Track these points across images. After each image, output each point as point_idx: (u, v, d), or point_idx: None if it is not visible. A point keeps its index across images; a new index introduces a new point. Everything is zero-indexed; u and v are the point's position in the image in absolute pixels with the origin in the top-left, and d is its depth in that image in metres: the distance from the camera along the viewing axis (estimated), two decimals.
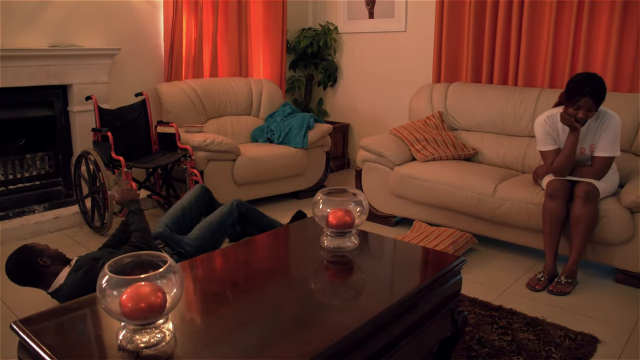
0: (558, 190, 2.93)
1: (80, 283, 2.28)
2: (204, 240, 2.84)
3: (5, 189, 3.85)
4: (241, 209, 3.06)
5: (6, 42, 3.68)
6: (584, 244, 2.88)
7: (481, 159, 3.95)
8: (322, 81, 5.62)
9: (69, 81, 3.92)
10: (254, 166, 4.16)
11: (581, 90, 2.81)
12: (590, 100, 2.81)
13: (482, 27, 4.24)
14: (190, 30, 4.66)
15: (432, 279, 1.85)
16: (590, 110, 2.84)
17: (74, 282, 2.30)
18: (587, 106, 2.82)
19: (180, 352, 1.40)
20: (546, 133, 3.05)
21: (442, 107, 4.21)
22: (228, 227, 2.98)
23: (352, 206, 2.08)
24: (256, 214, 3.14)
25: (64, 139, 4.06)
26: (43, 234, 3.72)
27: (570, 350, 2.28)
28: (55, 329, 1.54)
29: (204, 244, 2.83)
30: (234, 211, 3.01)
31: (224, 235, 2.97)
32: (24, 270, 2.36)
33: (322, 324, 1.58)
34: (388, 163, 3.80)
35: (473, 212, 3.36)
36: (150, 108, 4.14)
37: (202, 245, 2.82)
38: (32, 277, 2.37)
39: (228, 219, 2.98)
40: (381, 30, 5.18)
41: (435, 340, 1.97)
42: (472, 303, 2.70)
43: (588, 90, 2.80)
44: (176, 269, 1.42)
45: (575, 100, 2.83)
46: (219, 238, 2.94)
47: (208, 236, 2.88)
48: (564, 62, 3.84)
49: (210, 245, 2.86)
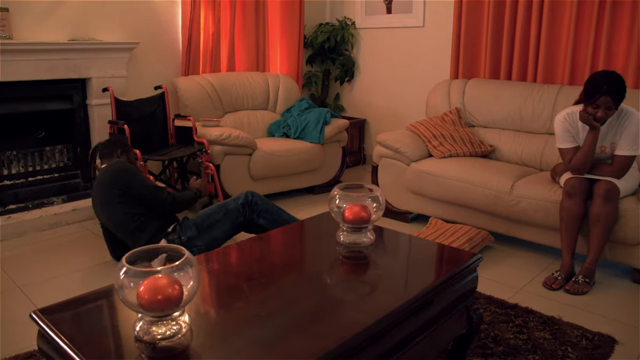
0: (576, 189, 2.89)
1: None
2: (199, 217, 2.86)
3: (25, 180, 3.90)
4: (250, 197, 2.97)
5: (27, 35, 3.72)
6: (602, 243, 2.84)
7: (498, 156, 3.92)
8: (339, 76, 5.61)
9: (87, 75, 3.96)
10: (270, 161, 4.17)
11: (600, 89, 2.77)
12: (609, 99, 2.76)
13: (501, 23, 4.20)
14: (208, 24, 4.67)
15: (448, 275, 1.84)
16: (610, 109, 2.80)
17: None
18: (606, 105, 2.78)
19: (196, 345, 1.41)
20: (565, 130, 3.01)
21: (459, 104, 4.18)
22: (230, 211, 2.90)
23: (369, 202, 2.07)
24: (271, 206, 3.02)
25: (83, 132, 4.10)
26: (61, 226, 3.76)
27: (587, 351, 2.26)
28: (73, 319, 1.55)
29: (199, 221, 2.84)
30: (240, 197, 2.96)
31: (224, 218, 2.88)
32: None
33: (337, 319, 1.58)
34: (404, 159, 3.78)
35: (490, 209, 3.34)
36: (168, 101, 4.16)
37: (197, 222, 2.83)
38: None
39: (231, 202, 2.94)
40: (399, 25, 5.15)
41: (450, 338, 1.96)
42: (488, 301, 2.68)
43: (606, 88, 2.75)
44: (193, 262, 1.43)
45: (594, 99, 2.79)
46: (219, 220, 2.87)
47: (205, 214, 2.88)
48: (584, 58, 3.79)
49: (206, 223, 2.83)
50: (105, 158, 2.93)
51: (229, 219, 2.90)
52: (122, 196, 2.74)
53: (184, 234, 2.79)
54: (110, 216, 2.83)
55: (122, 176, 2.75)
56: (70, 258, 3.23)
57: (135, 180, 2.76)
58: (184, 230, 2.81)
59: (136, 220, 2.76)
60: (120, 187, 2.73)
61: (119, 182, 2.75)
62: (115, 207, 2.77)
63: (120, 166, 2.80)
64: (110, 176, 2.79)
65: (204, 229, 2.83)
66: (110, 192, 2.76)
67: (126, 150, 3.02)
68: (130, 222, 2.76)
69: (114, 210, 2.78)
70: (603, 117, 2.81)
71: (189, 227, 2.83)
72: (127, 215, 2.75)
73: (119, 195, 2.74)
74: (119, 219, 2.79)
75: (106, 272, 3.04)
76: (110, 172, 2.80)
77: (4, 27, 3.55)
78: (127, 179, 2.75)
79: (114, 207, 2.77)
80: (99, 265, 3.15)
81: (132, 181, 2.75)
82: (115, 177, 2.77)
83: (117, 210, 2.77)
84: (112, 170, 2.80)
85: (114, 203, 2.76)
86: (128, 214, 2.75)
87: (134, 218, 2.76)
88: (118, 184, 2.74)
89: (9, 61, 3.53)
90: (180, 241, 2.79)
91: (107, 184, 2.79)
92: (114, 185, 2.75)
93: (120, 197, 2.74)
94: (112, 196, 2.76)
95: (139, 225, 2.76)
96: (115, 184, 2.75)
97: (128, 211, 2.75)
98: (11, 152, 3.84)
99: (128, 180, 2.74)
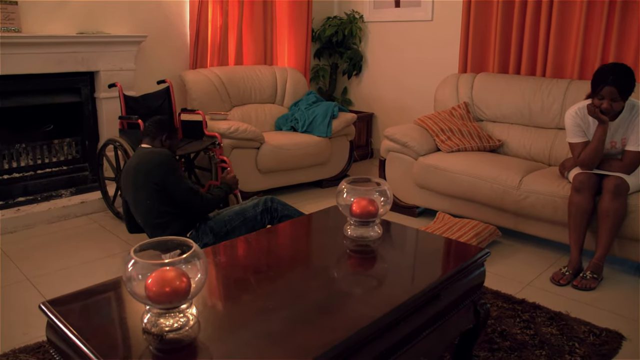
0: (585, 184, 2.88)
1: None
2: (216, 223, 2.75)
3: (34, 173, 3.92)
4: (270, 203, 2.86)
5: (35, 29, 3.73)
6: (611, 239, 2.83)
7: (507, 151, 3.90)
8: (346, 70, 5.60)
9: (96, 68, 3.97)
10: (277, 154, 4.17)
11: (605, 80, 2.77)
12: (613, 90, 2.75)
13: (510, 17, 4.17)
14: (216, 18, 4.67)
15: (455, 270, 1.84)
16: (615, 101, 2.78)
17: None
18: (611, 95, 2.76)
19: (204, 337, 1.41)
20: (576, 125, 2.99)
21: (468, 98, 4.16)
22: (249, 219, 2.81)
23: (376, 196, 2.07)
24: (293, 211, 2.90)
25: (91, 125, 4.12)
26: (70, 218, 3.79)
27: (595, 347, 2.25)
28: (82, 311, 1.56)
29: (216, 227, 2.74)
30: (260, 203, 2.85)
31: (242, 226, 2.80)
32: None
33: (344, 312, 1.58)
34: (412, 153, 3.77)
35: (497, 204, 3.33)
36: (174, 95, 4.16)
37: (214, 228, 2.73)
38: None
39: (250, 210, 2.83)
40: (407, 19, 5.13)
41: (457, 332, 1.96)
42: (495, 296, 2.68)
43: (611, 79, 2.74)
44: (201, 255, 1.44)
45: (599, 89, 2.78)
46: (236, 227, 2.78)
47: (222, 220, 2.77)
48: (594, 52, 3.76)
49: (223, 231, 2.74)
50: (148, 137, 2.80)
51: (246, 227, 2.78)
52: (156, 191, 2.60)
53: (200, 240, 2.69)
54: (137, 201, 2.69)
55: (162, 171, 2.60)
56: (78, 250, 3.25)
57: (174, 179, 2.61)
58: (200, 236, 2.71)
59: (162, 217, 2.65)
60: (156, 181, 2.58)
61: (157, 176, 2.59)
62: (146, 197, 2.63)
63: (162, 158, 2.63)
64: (150, 164, 2.63)
65: (221, 236, 2.73)
66: (145, 180, 2.61)
67: (172, 137, 2.85)
68: (156, 217, 2.65)
69: (143, 198, 2.64)
70: (608, 109, 2.79)
71: (206, 233, 2.72)
72: (154, 209, 2.64)
73: (152, 188, 2.60)
74: (145, 209, 2.67)
75: (114, 265, 3.06)
76: (151, 161, 2.64)
77: (13, 21, 3.56)
78: (166, 176, 2.59)
79: (144, 197, 2.63)
80: (107, 257, 3.16)
81: (171, 180, 2.60)
82: (155, 168, 2.61)
83: (146, 200, 2.64)
84: (153, 159, 2.63)
85: (145, 193, 2.62)
86: (155, 208, 2.63)
87: (160, 214, 2.64)
88: (156, 177, 2.59)
89: (18, 54, 3.54)
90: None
91: (144, 171, 2.63)
92: (151, 176, 2.59)
93: (154, 191, 2.60)
94: (145, 185, 2.61)
95: (163, 222, 2.65)
96: (153, 175, 2.59)
97: (156, 205, 2.63)
98: (20, 145, 3.86)
99: (166, 178, 2.59)
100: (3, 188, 3.74)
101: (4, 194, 3.74)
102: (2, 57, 3.47)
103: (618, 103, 2.79)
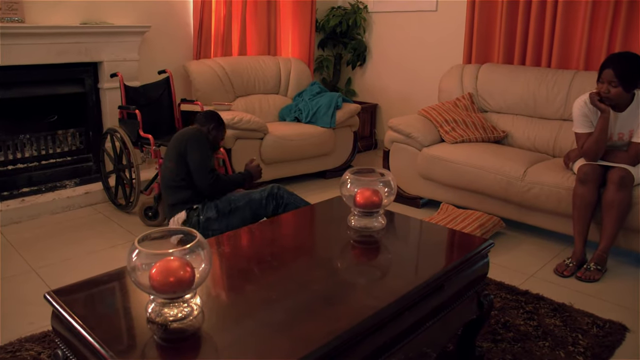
0: (589, 175, 2.87)
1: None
2: (222, 201, 2.90)
3: (38, 164, 3.93)
4: (276, 190, 2.93)
5: (38, 19, 3.72)
6: (615, 230, 2.82)
7: (511, 142, 3.89)
8: (350, 61, 5.58)
9: (99, 58, 3.96)
10: (281, 145, 4.16)
11: (606, 63, 2.80)
12: (610, 72, 2.76)
13: (515, 7, 4.14)
14: (219, 8, 4.65)
15: (459, 261, 1.84)
16: (614, 85, 2.77)
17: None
18: (608, 78, 2.77)
19: (208, 327, 1.42)
20: (584, 115, 2.97)
21: (472, 89, 4.14)
22: (254, 200, 2.88)
23: (380, 186, 2.06)
24: (299, 200, 2.95)
25: (94, 116, 4.12)
26: (74, 209, 3.80)
27: (598, 338, 2.25)
28: (87, 300, 1.57)
29: (221, 205, 2.88)
30: (266, 189, 2.93)
31: (245, 207, 2.88)
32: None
33: (348, 302, 1.58)
34: (416, 144, 3.76)
35: (502, 195, 3.32)
36: (174, 86, 4.14)
37: (218, 205, 2.88)
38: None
39: (256, 193, 2.92)
40: (411, 9, 5.10)
41: (461, 323, 1.96)
42: (498, 287, 2.68)
43: (612, 63, 2.77)
44: (205, 245, 1.44)
45: (600, 73, 2.79)
46: (240, 207, 2.87)
47: (228, 199, 2.90)
48: (601, 42, 3.73)
49: (227, 208, 2.87)
50: (198, 124, 3.08)
51: (250, 209, 2.89)
52: (178, 155, 2.89)
53: (203, 214, 2.86)
54: (163, 170, 3.02)
55: (188, 140, 2.90)
56: (83, 240, 3.26)
57: (194, 151, 2.88)
58: (205, 210, 2.87)
59: (177, 181, 2.91)
60: (180, 148, 2.89)
61: (182, 144, 2.90)
62: (168, 162, 2.95)
63: (193, 133, 2.95)
64: (182, 135, 2.96)
65: (224, 214, 2.86)
66: (174, 148, 2.93)
67: (219, 129, 3.11)
68: (172, 180, 2.92)
69: (167, 163, 2.96)
70: (605, 93, 2.79)
71: (210, 208, 2.87)
72: (172, 173, 2.92)
73: (177, 154, 2.90)
74: (166, 173, 2.96)
75: (118, 255, 3.07)
76: (185, 132, 2.97)
77: (16, 11, 3.55)
78: (189, 146, 2.88)
79: (168, 161, 2.95)
80: (111, 247, 3.18)
81: (191, 150, 2.87)
82: (183, 138, 2.93)
83: (169, 165, 2.94)
84: (187, 133, 2.96)
85: (170, 157, 2.93)
86: (174, 172, 2.91)
87: (176, 178, 2.91)
88: (181, 145, 2.90)
89: (21, 45, 3.54)
90: (198, 220, 2.84)
91: (177, 141, 2.95)
92: (179, 144, 2.91)
93: (177, 156, 2.89)
94: (173, 152, 2.93)
95: (176, 186, 2.91)
96: (180, 144, 2.90)
97: (174, 170, 2.91)
98: (24, 136, 3.86)
99: (188, 147, 2.88)
100: (8, 179, 3.75)
101: (9, 184, 3.76)
102: (5, 47, 3.47)
103: (617, 89, 2.78)
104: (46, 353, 2.11)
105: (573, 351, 2.16)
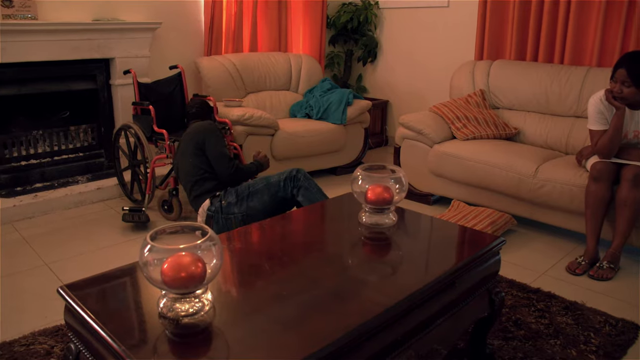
0: (602, 173, 2.84)
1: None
2: (241, 186, 2.99)
3: (51, 159, 3.96)
4: (295, 173, 2.94)
5: (51, 16, 3.75)
6: (629, 228, 2.79)
7: (523, 139, 3.86)
8: (361, 57, 5.56)
9: (111, 55, 3.98)
10: (292, 141, 4.17)
11: (619, 63, 2.79)
12: (623, 72, 2.74)
13: (528, 2, 4.10)
14: (230, 4, 4.66)
15: (470, 258, 1.83)
16: (627, 85, 2.75)
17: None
18: (622, 78, 2.77)
19: (219, 322, 1.42)
20: (599, 112, 2.95)
21: (484, 85, 4.12)
22: (272, 184, 2.93)
23: (392, 183, 2.06)
24: (313, 185, 2.95)
25: (106, 112, 4.14)
26: (86, 204, 3.83)
27: (610, 337, 2.24)
28: (99, 295, 1.58)
29: (240, 189, 2.97)
30: (285, 172, 2.96)
31: (264, 190, 2.92)
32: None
33: (358, 299, 1.58)
34: (427, 141, 3.75)
35: (513, 192, 3.30)
36: (185, 81, 4.16)
37: (238, 189, 2.97)
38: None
39: (275, 176, 2.97)
40: (423, 5, 5.07)
41: (472, 320, 1.96)
42: (510, 284, 2.67)
43: (625, 62, 2.76)
44: (216, 240, 1.44)
45: (613, 72, 2.78)
46: (259, 190, 2.93)
47: (247, 184, 2.99)
48: (614, 38, 3.68)
49: (245, 192, 2.94)
50: (198, 116, 3.33)
51: (268, 191, 2.94)
52: (197, 148, 3.01)
53: (225, 199, 2.95)
54: (182, 166, 3.11)
55: (204, 133, 3.03)
56: (95, 236, 3.28)
57: (212, 141, 3.01)
58: (225, 196, 2.97)
59: (200, 174, 3.02)
60: (198, 141, 3.01)
61: (199, 136, 3.02)
62: (188, 158, 3.04)
63: (207, 124, 3.09)
64: (196, 129, 3.08)
65: (243, 198, 2.94)
66: (189, 144, 3.05)
67: (212, 115, 3.43)
68: (195, 174, 3.03)
69: (186, 160, 3.06)
70: (618, 93, 2.78)
71: (231, 193, 2.97)
72: (195, 167, 3.03)
73: (194, 147, 3.02)
74: (187, 169, 3.06)
75: (130, 250, 3.09)
76: (197, 127, 3.10)
77: (29, 8, 3.58)
78: (206, 137, 3.01)
79: (187, 157, 3.05)
80: (123, 242, 3.20)
81: (209, 141, 3.01)
82: (199, 132, 3.05)
83: (188, 159, 3.04)
84: (200, 126, 3.09)
85: (188, 154, 3.04)
86: (196, 167, 3.03)
87: (199, 171, 3.02)
88: (198, 137, 3.02)
89: (34, 41, 3.56)
90: (220, 205, 2.94)
91: (190, 136, 3.07)
92: (195, 137, 3.04)
93: (195, 150, 3.01)
94: (189, 148, 3.04)
95: (200, 179, 3.02)
96: (197, 138, 3.03)
97: (197, 164, 3.02)
98: (37, 132, 3.90)
99: (206, 138, 3.01)
100: (21, 174, 3.79)
101: (22, 180, 3.79)
102: (18, 44, 3.49)
103: (630, 89, 2.76)
104: (59, 347, 2.13)
105: (585, 350, 2.15)
